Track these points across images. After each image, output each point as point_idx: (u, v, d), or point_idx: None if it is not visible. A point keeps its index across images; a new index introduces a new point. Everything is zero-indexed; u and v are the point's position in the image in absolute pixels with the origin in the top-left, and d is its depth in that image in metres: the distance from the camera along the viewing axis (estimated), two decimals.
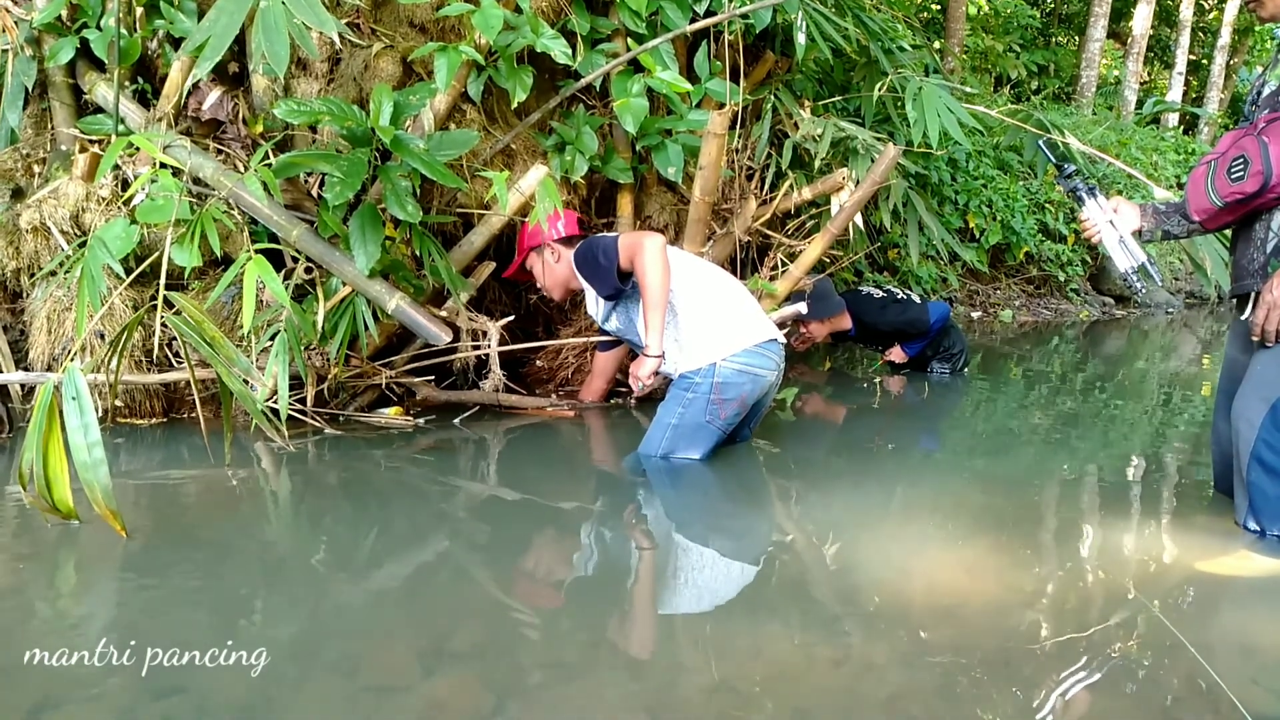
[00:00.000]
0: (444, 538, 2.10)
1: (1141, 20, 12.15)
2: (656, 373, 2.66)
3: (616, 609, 1.71)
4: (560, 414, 3.37)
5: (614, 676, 1.43)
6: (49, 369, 2.90)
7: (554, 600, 1.75)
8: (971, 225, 7.52)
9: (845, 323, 4.40)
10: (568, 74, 3.45)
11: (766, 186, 4.02)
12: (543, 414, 3.37)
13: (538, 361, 3.86)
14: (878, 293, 4.49)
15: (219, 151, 3.03)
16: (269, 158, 2.76)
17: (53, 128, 3.16)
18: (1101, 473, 2.80)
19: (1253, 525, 2.10)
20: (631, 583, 1.86)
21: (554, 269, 3.03)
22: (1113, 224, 2.36)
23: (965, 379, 4.52)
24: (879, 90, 4.02)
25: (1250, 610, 1.78)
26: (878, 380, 4.39)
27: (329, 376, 3.08)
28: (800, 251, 3.78)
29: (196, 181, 2.90)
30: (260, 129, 3.04)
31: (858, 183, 3.65)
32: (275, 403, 2.67)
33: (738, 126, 3.82)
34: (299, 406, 3.00)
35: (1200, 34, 16.03)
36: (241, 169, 2.93)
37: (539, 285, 3.16)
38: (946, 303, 4.95)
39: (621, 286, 2.75)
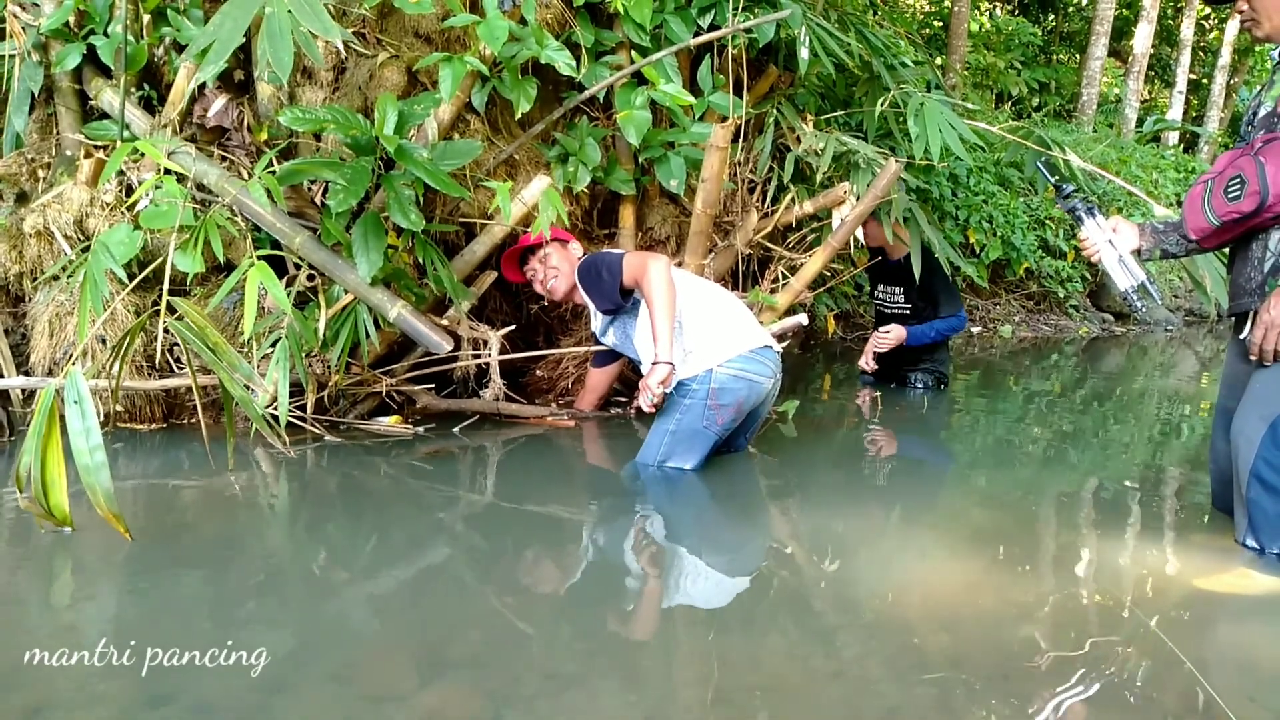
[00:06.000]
0: (442, 546, 2.10)
1: (1142, 39, 12.20)
2: (663, 383, 2.65)
3: (614, 619, 1.71)
4: (560, 423, 3.37)
5: (611, 686, 1.43)
6: (50, 373, 2.90)
7: (552, 610, 1.75)
8: (972, 240, 7.54)
9: (901, 248, 4.15)
10: (571, 85, 3.46)
11: (768, 200, 4.03)
12: (542, 423, 3.37)
13: (538, 371, 3.87)
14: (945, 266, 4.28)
15: (223, 158, 3.05)
16: (273, 165, 2.77)
17: (58, 133, 3.17)
18: (1100, 489, 2.80)
19: (1252, 543, 2.10)
20: (629, 593, 1.85)
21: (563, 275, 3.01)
22: (1112, 243, 2.37)
23: (947, 395, 4.44)
24: (881, 105, 4.04)
25: (1248, 627, 1.78)
26: (877, 394, 4.38)
27: (330, 384, 3.09)
28: (801, 265, 3.79)
29: (200, 188, 2.91)
30: (265, 136, 3.05)
31: (859, 197, 3.67)
32: (276, 409, 2.67)
33: (740, 140, 3.83)
34: (299, 413, 3.01)
35: (1201, 53, 16.11)
36: (245, 176, 2.95)
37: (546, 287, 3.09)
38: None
39: (621, 303, 2.79)
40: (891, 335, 4.33)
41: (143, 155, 2.86)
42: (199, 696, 1.35)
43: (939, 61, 10.02)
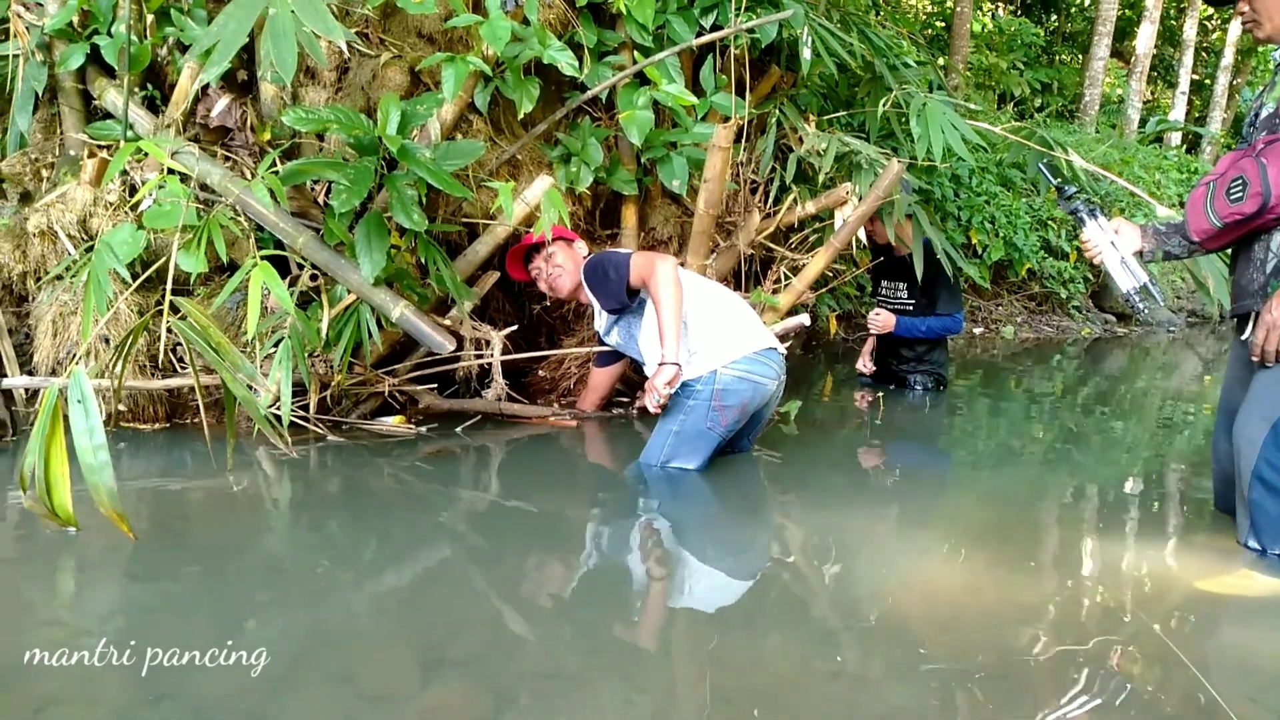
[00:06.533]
0: (444, 546, 2.10)
1: (1145, 40, 12.18)
2: (669, 384, 2.63)
3: (615, 619, 1.71)
4: (562, 423, 3.37)
5: (612, 687, 1.43)
6: (54, 373, 2.91)
7: (553, 610, 1.75)
8: (974, 241, 7.53)
9: (904, 246, 4.06)
10: (574, 86, 3.47)
11: (770, 200, 4.03)
12: (545, 423, 3.38)
13: (540, 371, 3.87)
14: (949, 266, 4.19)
15: (226, 158, 3.05)
16: (276, 165, 2.77)
17: (62, 133, 3.18)
18: (1102, 490, 2.80)
19: (1254, 544, 2.11)
20: (630, 593, 1.86)
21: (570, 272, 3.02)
22: (1114, 245, 2.37)
23: (947, 396, 4.42)
24: (883, 106, 4.04)
25: (1250, 629, 1.78)
26: (878, 395, 4.38)
27: (332, 384, 3.09)
28: (803, 265, 3.80)
29: (204, 188, 2.92)
30: (268, 136, 3.06)
31: (861, 197, 3.67)
32: (278, 409, 2.67)
33: (742, 140, 3.84)
34: (302, 413, 3.01)
35: (1203, 54, 16.09)
36: (249, 176, 2.95)
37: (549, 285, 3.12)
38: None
39: (627, 303, 2.79)
40: (881, 318, 4.32)
41: (146, 155, 2.87)
42: (199, 696, 1.35)
43: (941, 62, 10.02)
